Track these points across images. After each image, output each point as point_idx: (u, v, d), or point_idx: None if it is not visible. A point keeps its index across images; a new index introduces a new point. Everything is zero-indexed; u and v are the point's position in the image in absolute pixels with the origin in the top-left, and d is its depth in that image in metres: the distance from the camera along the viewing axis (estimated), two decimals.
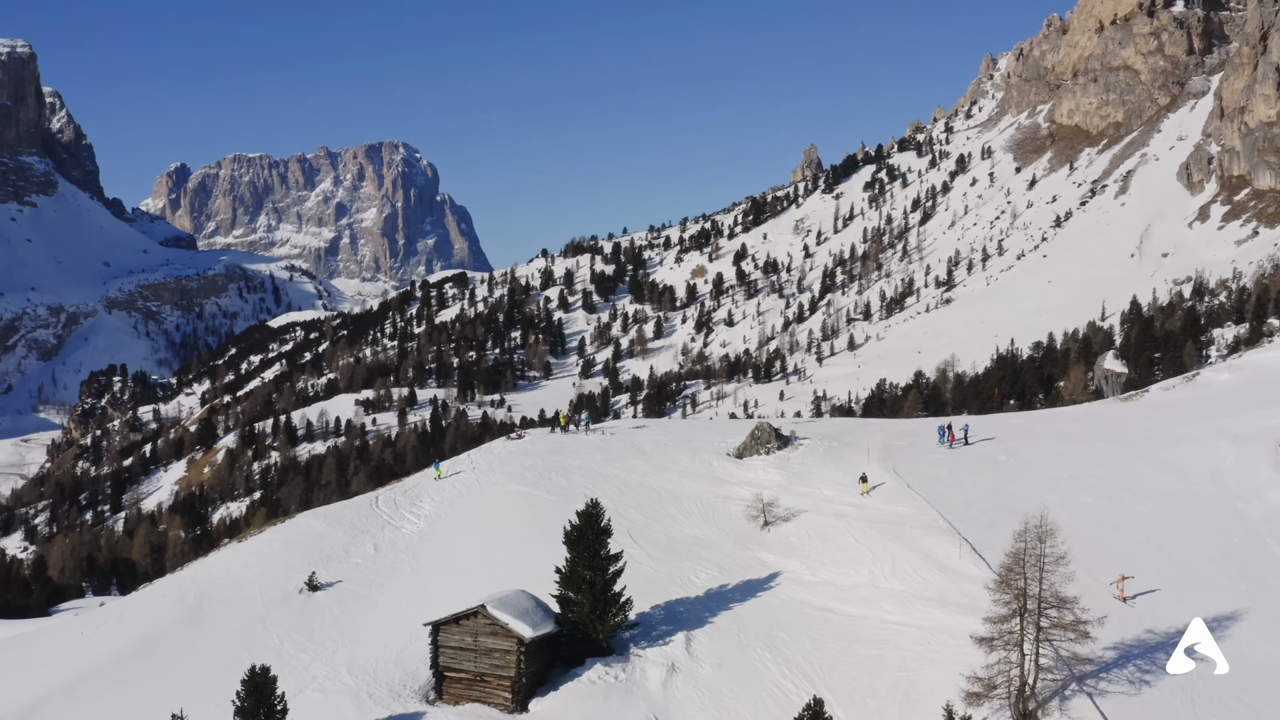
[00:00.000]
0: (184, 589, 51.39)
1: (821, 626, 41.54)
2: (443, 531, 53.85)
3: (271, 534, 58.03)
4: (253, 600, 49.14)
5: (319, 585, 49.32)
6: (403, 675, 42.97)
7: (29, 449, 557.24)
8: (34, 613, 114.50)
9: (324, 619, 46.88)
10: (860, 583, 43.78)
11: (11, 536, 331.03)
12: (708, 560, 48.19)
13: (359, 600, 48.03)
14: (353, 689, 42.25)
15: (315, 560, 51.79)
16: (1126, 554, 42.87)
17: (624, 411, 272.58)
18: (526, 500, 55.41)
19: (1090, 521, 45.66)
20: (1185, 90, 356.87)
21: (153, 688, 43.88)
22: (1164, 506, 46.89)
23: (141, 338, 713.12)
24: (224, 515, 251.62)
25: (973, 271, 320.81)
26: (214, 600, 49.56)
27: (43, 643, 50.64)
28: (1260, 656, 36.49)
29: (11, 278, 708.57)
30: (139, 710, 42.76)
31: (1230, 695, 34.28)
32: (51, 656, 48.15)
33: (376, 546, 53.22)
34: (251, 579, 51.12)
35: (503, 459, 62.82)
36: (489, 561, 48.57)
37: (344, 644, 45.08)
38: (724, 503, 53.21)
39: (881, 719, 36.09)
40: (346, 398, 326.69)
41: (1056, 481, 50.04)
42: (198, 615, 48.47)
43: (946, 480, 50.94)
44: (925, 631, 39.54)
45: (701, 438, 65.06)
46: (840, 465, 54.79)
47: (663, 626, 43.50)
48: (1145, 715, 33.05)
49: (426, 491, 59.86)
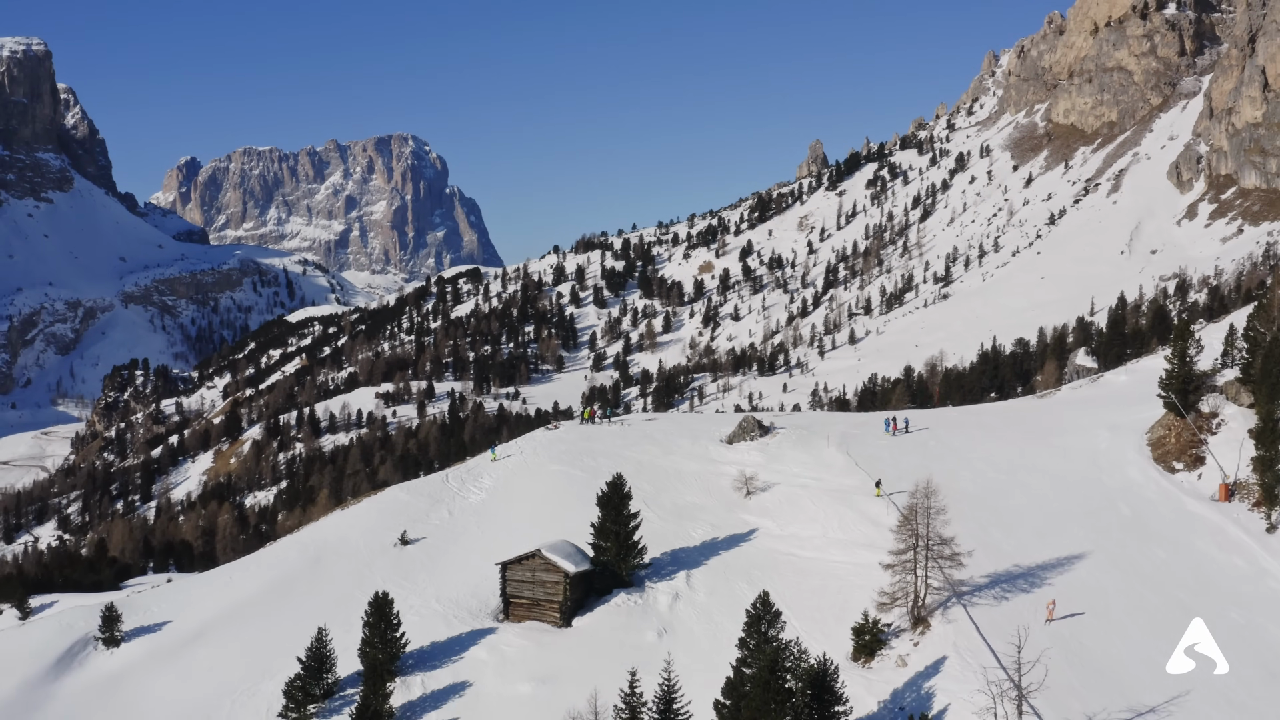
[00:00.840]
0: (305, 544, 67.70)
1: (786, 566, 57.36)
2: (501, 500, 70.19)
3: (368, 503, 74.46)
4: (359, 552, 65.35)
5: (409, 540, 65.64)
6: (478, 603, 59.09)
7: (49, 442, 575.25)
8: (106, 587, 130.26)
9: (414, 565, 63.08)
10: (815, 535, 59.75)
11: (45, 525, 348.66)
12: (703, 520, 64.33)
13: (440, 551, 64.23)
14: (441, 613, 58.36)
15: (404, 522, 68.14)
16: (1010, 513, 58.77)
17: (634, 404, 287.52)
18: (564, 476, 71.76)
19: (990, 490, 61.57)
20: (1177, 91, 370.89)
21: (289, 614, 60.05)
22: (1047, 479, 62.73)
23: (158, 332, 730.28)
24: (253, 503, 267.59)
25: (970, 268, 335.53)
26: (329, 552, 65.81)
27: (199, 585, 66.95)
28: (1092, 582, 52.18)
29: (29, 273, 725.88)
30: (280, 629, 58.97)
31: (1063, 608, 49.94)
32: (208, 594, 64.43)
33: (450, 512, 69.55)
34: (356, 536, 67.42)
35: (544, 445, 79.34)
36: (538, 522, 64.67)
37: (431, 582, 61.17)
38: (716, 478, 69.41)
39: (824, 625, 51.83)
40: (367, 391, 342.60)
41: (970, 461, 65.99)
42: (318, 563, 64.73)
43: (886, 459, 66.64)
44: (858, 567, 55.29)
45: (700, 428, 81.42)
46: (807, 449, 70.84)
47: (669, 567, 59.62)
48: (1001, 619, 48.69)
49: (485, 470, 76.34)
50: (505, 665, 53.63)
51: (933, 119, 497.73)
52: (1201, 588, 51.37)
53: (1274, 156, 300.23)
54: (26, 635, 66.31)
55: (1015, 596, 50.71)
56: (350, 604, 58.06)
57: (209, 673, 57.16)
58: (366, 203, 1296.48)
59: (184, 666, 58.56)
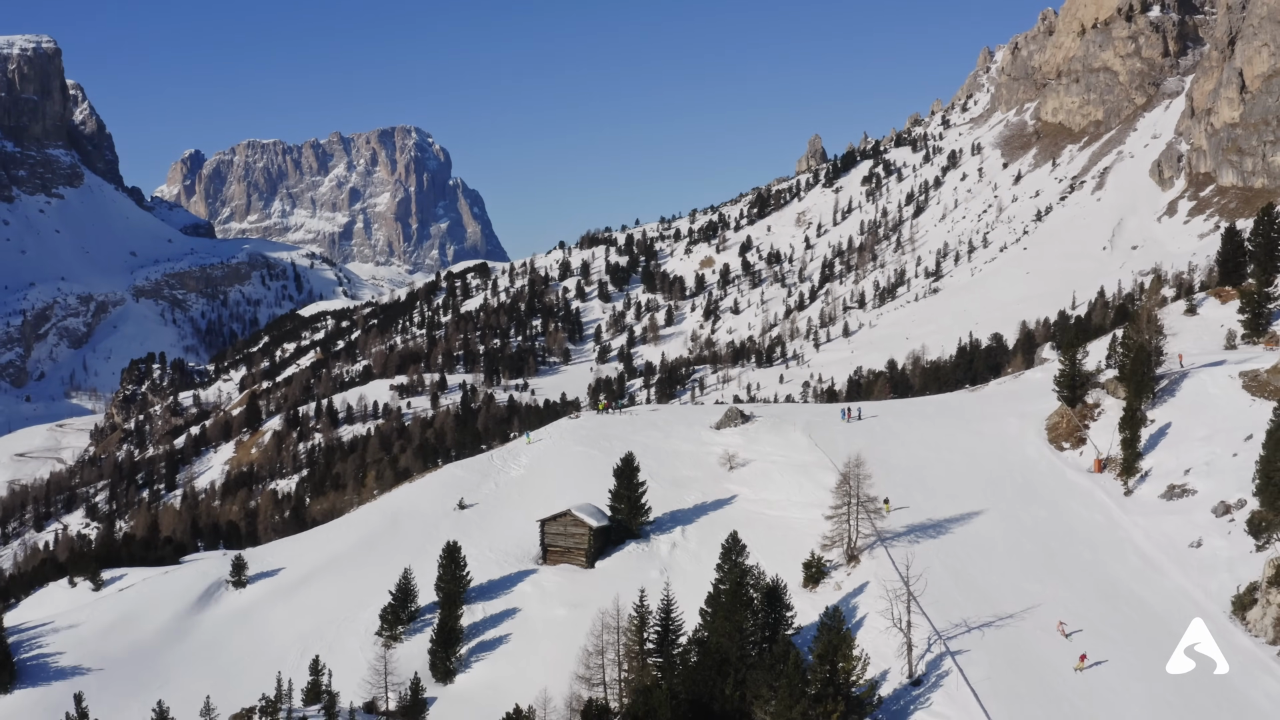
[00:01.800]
0: (383, 510, 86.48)
1: (757, 522, 75.65)
2: (536, 474, 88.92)
3: (430, 477, 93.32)
4: (427, 515, 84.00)
5: (465, 505, 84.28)
6: (521, 552, 77.74)
7: (64, 434, 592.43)
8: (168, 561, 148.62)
9: (471, 524, 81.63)
10: (780, 499, 78.22)
11: (74, 514, 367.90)
12: (695, 489, 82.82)
13: (490, 513, 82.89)
14: (494, 559, 76.91)
15: (460, 492, 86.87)
16: (931, 480, 77.08)
17: (638, 395, 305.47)
18: (586, 455, 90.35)
19: (917, 464, 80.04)
20: (1160, 91, 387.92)
21: (376, 562, 78.66)
22: (963, 456, 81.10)
23: (168, 325, 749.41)
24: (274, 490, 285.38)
25: (959, 263, 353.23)
26: (403, 515, 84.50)
27: (303, 542, 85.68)
28: (984, 531, 70.42)
29: (42, 268, 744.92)
30: (370, 573, 77.57)
31: (961, 550, 68.18)
32: (311, 548, 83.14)
33: (496, 484, 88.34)
34: (424, 503, 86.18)
35: (568, 430, 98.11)
36: (566, 491, 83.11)
37: (485, 537, 79.66)
38: (706, 456, 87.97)
39: (784, 562, 69.88)
40: (381, 383, 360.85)
41: (906, 442, 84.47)
42: (395, 523, 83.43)
43: (840, 441, 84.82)
44: (811, 521, 73.46)
45: (694, 417, 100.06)
46: (778, 433, 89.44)
47: (668, 524, 78.17)
48: (913, 554, 66.78)
49: (523, 451, 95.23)
50: (545, 595, 72.25)
51: (928, 115, 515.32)
52: (1067, 536, 69.79)
53: (1250, 156, 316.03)
54: (172, 580, 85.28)
55: (924, 541, 69.09)
56: (423, 554, 76.54)
57: (317, 606, 75.81)
58: (370, 195, 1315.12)
59: (297, 602, 77.33)
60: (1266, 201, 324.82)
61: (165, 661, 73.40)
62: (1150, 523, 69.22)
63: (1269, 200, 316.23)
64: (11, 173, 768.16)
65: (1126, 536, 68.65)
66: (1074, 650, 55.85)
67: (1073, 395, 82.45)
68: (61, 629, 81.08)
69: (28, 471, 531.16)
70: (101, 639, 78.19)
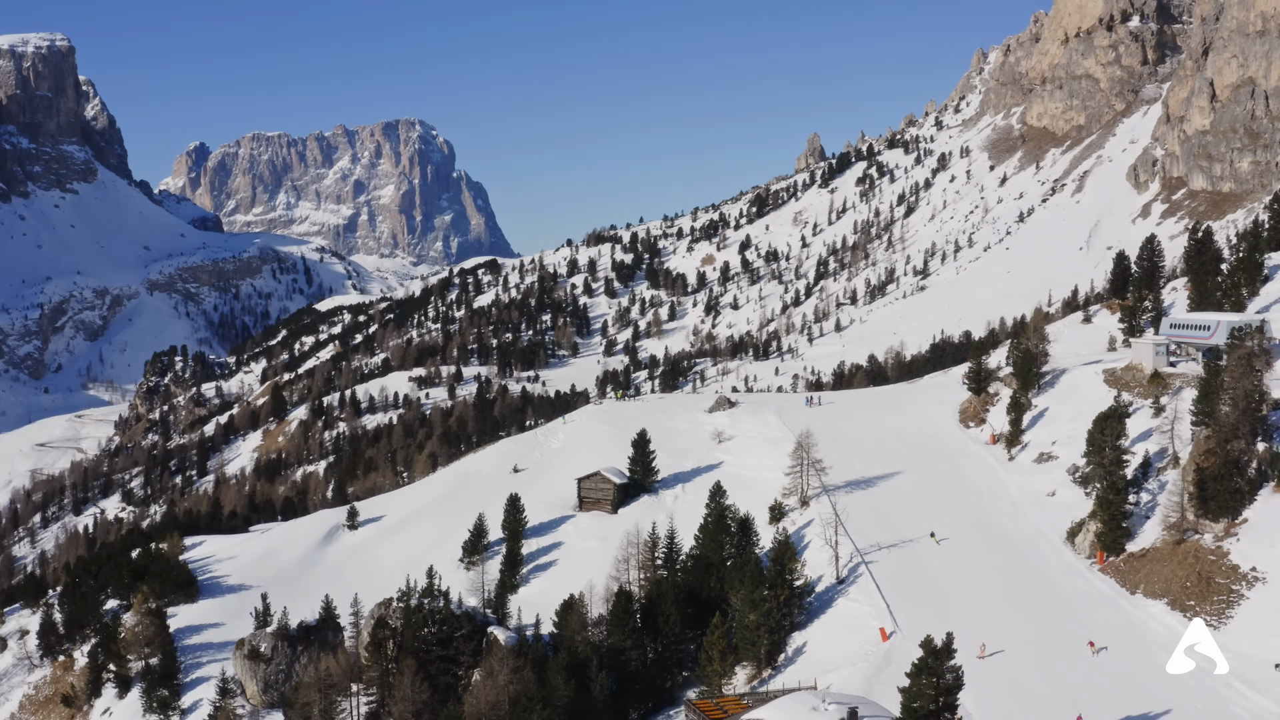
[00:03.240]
0: (456, 473, 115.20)
1: (738, 480, 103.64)
2: (571, 445, 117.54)
3: (489, 449, 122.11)
4: (489, 476, 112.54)
5: (519, 469, 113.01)
6: (563, 502, 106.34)
7: (83, 424, 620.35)
8: (239, 530, 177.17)
9: (524, 482, 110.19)
10: (755, 464, 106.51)
11: (110, 498, 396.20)
12: (693, 456, 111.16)
13: (538, 475, 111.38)
14: (543, 507, 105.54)
15: (513, 459, 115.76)
16: (867, 449, 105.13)
17: (644, 386, 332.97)
18: (609, 432, 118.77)
19: (857, 437, 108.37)
20: (1139, 97, 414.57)
21: (454, 510, 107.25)
22: (893, 432, 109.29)
23: (182, 318, 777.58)
24: (303, 474, 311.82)
25: (945, 262, 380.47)
26: (471, 477, 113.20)
27: (397, 497, 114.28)
28: (903, 486, 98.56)
29: (58, 262, 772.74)
30: (450, 518, 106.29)
31: (882, 497, 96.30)
32: (403, 501, 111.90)
33: (541, 454, 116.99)
34: (487, 467, 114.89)
35: (594, 413, 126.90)
36: (595, 458, 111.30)
37: (535, 491, 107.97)
38: (700, 432, 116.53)
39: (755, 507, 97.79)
40: (400, 375, 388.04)
41: (852, 422, 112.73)
42: (466, 482, 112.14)
43: (803, 421, 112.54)
44: (778, 480, 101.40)
45: (692, 403, 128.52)
46: (756, 415, 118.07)
47: (672, 482, 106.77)
48: (847, 500, 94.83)
49: (560, 430, 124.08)
50: (581, 532, 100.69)
51: (922, 116, 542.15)
52: (961, 488, 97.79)
53: (1219, 161, 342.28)
54: (302, 525, 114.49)
55: (856, 491, 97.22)
56: (489, 504, 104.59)
57: (412, 542, 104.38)
58: (374, 187, 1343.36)
59: (396, 539, 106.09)
60: (1234, 205, 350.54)
61: (304, 581, 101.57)
62: (1022, 479, 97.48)
63: (1237, 203, 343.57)
64: (27, 168, 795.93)
65: (1004, 489, 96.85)
66: (946, 557, 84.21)
67: (978, 387, 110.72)
68: (224, 559, 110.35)
69: (48, 461, 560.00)
70: (255, 566, 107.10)
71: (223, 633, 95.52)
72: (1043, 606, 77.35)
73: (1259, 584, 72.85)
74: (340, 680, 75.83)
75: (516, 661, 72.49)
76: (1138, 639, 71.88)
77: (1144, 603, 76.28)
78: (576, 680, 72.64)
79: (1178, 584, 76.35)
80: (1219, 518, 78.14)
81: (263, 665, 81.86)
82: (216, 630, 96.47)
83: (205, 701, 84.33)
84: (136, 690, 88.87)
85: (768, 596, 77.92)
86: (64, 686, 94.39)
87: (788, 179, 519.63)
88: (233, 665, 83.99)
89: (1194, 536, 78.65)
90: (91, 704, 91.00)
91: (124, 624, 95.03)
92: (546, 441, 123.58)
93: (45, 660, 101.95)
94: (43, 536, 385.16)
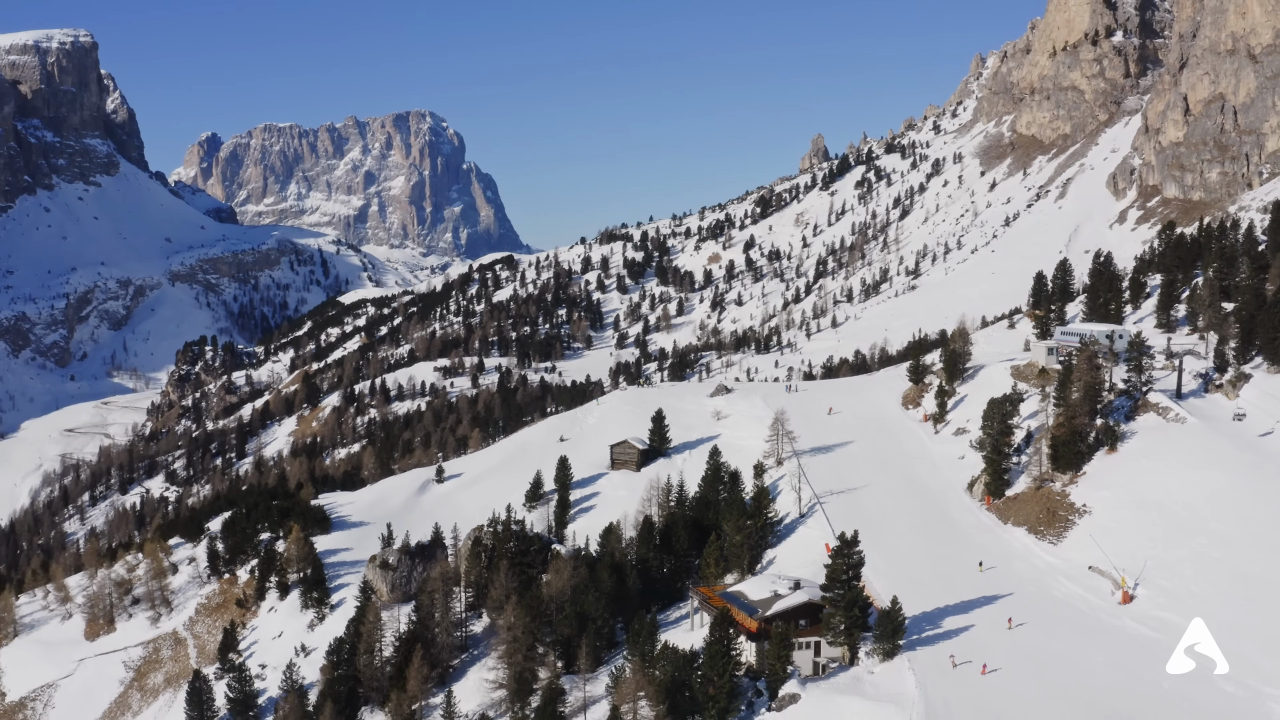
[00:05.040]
0: (514, 442, 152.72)
1: (732, 447, 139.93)
2: (603, 422, 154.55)
3: (540, 424, 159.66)
4: (540, 445, 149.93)
5: (564, 439, 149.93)
6: (599, 463, 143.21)
7: (109, 410, 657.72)
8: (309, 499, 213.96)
9: (569, 448, 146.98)
10: (745, 435, 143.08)
11: (154, 479, 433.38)
12: (697, 430, 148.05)
13: (580, 443, 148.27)
14: (584, 467, 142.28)
15: (559, 431, 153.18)
16: (829, 425, 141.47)
17: (654, 377, 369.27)
18: (632, 412, 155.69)
19: (823, 415, 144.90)
20: (1121, 108, 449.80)
21: (515, 469, 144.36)
22: (852, 413, 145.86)
23: (203, 308, 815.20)
24: (339, 456, 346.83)
25: (936, 263, 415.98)
26: (527, 445, 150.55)
27: (472, 459, 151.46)
28: (855, 451, 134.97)
29: (82, 253, 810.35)
30: (513, 475, 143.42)
31: (838, 459, 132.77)
32: (475, 463, 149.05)
33: (581, 428, 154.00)
34: (538, 437, 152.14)
35: (620, 397, 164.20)
36: (623, 431, 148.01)
37: (577, 455, 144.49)
38: (703, 412, 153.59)
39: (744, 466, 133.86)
40: (425, 365, 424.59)
41: (820, 405, 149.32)
42: (523, 449, 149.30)
43: (783, 401, 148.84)
44: (761, 445, 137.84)
45: (697, 390, 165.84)
46: (746, 399, 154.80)
47: (681, 449, 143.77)
48: (811, 461, 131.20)
49: (594, 409, 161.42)
50: (613, 485, 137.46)
51: (921, 119, 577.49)
52: (897, 454, 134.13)
53: (1190, 171, 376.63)
54: (401, 480, 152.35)
55: (819, 455, 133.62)
56: (543, 464, 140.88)
57: (485, 492, 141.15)
58: (385, 178, 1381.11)
59: (473, 490, 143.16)
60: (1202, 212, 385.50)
61: (407, 519, 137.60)
62: (942, 447, 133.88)
63: (1205, 211, 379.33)
64: (51, 161, 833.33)
65: (928, 454, 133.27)
66: (879, 500, 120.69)
67: (917, 378, 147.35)
68: (342, 505, 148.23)
69: (77, 445, 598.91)
70: (369, 509, 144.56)
71: (351, 555, 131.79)
72: (942, 533, 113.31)
73: (1086, 515, 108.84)
74: (448, 582, 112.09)
75: (575, 565, 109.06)
76: (1004, 553, 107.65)
77: (1012, 530, 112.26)
78: (616, 578, 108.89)
79: (1034, 516, 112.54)
80: (1066, 471, 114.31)
81: (390, 572, 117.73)
82: (346, 553, 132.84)
83: (346, 600, 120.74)
84: (294, 594, 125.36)
85: (749, 525, 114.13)
86: (233, 595, 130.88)
87: (791, 179, 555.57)
88: (367, 573, 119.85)
89: (1048, 484, 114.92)
90: (258, 605, 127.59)
91: (277, 549, 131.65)
92: (584, 418, 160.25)
93: (212, 578, 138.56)
94: (91, 513, 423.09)
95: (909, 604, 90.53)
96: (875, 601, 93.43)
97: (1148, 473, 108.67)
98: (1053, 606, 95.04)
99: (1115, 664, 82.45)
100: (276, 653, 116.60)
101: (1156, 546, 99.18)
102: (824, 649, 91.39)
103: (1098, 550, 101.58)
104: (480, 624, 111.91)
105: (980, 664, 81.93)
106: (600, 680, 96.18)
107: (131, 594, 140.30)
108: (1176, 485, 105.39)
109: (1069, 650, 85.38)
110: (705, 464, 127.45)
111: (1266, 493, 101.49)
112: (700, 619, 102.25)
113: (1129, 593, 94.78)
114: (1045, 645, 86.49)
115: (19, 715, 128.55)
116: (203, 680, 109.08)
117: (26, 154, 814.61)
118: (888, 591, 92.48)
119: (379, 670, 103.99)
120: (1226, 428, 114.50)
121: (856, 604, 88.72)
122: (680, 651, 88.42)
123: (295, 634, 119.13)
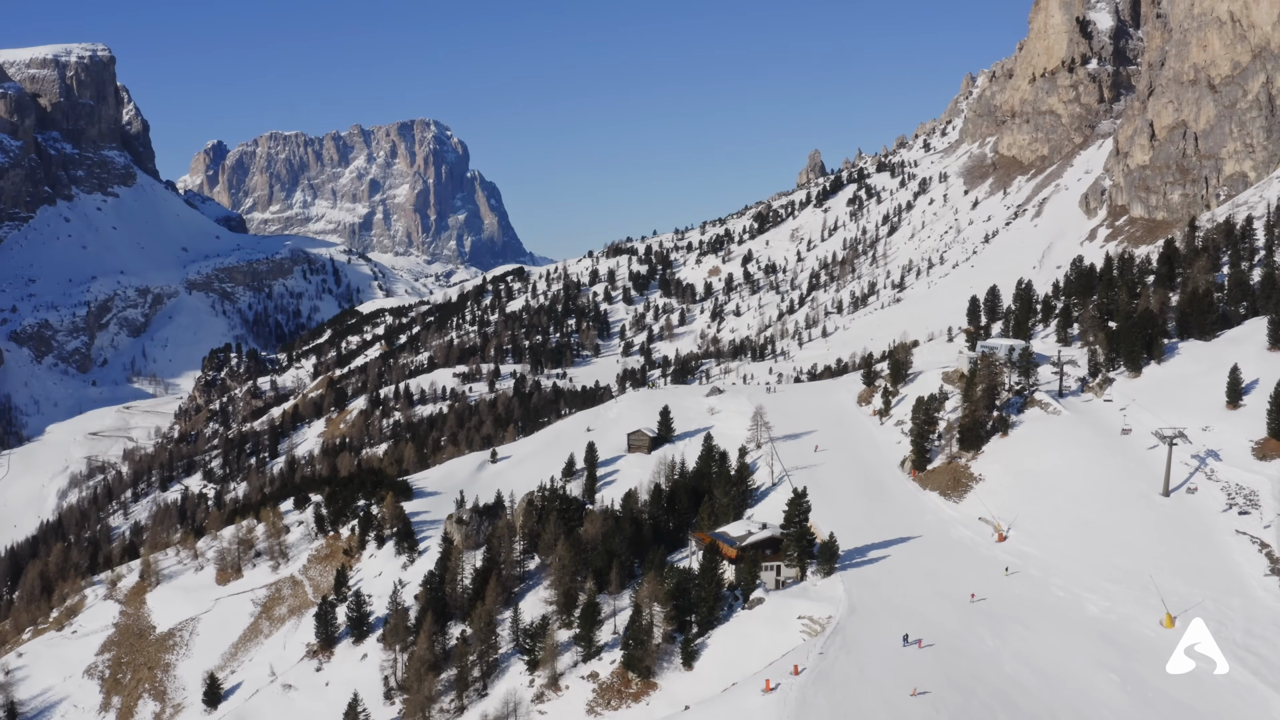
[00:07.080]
0: (552, 430, 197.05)
1: (722, 436, 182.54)
2: (621, 416, 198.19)
3: (570, 419, 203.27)
4: (573, 434, 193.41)
5: (590, 429, 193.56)
6: (618, 447, 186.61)
7: (131, 415, 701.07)
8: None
9: (595, 437, 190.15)
10: (733, 425, 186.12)
11: (193, 476, 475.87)
12: (695, 422, 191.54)
13: (603, 432, 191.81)
14: (606, 450, 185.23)
15: (586, 424, 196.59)
16: (801, 418, 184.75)
17: (658, 383, 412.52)
18: (643, 408, 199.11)
19: (797, 411, 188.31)
20: (1096, 132, 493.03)
21: (553, 452, 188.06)
22: (818, 409, 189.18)
23: (219, 316, 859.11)
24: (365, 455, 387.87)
25: (920, 277, 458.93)
26: (563, 433, 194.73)
27: (518, 445, 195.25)
28: (817, 437, 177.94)
29: (101, 262, 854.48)
30: (555, 455, 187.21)
31: (805, 443, 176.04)
32: (520, 446, 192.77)
33: (604, 421, 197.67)
34: (569, 428, 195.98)
35: (634, 397, 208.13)
36: (637, 423, 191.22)
37: (601, 441, 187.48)
38: (700, 408, 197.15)
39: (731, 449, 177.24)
40: (445, 371, 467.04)
41: (793, 402, 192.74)
42: (558, 436, 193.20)
43: (763, 400, 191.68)
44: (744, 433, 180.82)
45: (696, 391, 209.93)
46: (734, 398, 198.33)
47: (683, 437, 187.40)
48: (783, 445, 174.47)
49: (614, 406, 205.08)
50: (630, 464, 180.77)
51: (912, 137, 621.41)
52: (850, 440, 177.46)
53: (1154, 193, 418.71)
54: (463, 459, 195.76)
55: (790, 441, 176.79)
56: (575, 448, 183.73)
57: (531, 470, 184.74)
58: (390, 186, 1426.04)
59: (522, 468, 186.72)
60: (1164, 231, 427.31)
61: (471, 489, 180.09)
62: (885, 435, 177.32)
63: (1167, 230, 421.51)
64: (71, 173, 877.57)
65: (873, 440, 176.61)
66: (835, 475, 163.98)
67: (870, 381, 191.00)
68: (418, 480, 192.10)
69: (101, 448, 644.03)
70: (439, 482, 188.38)
71: (429, 516, 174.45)
72: (877, 495, 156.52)
73: (980, 482, 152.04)
74: (510, 533, 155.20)
75: (604, 518, 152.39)
76: (919, 509, 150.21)
77: (929, 494, 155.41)
78: (634, 528, 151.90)
79: (944, 483, 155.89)
80: (970, 450, 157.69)
81: (464, 526, 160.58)
82: (425, 515, 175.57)
83: (430, 548, 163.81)
84: (389, 544, 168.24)
85: (734, 491, 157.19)
86: (338, 547, 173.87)
87: (788, 195, 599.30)
88: (447, 526, 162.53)
89: (956, 461, 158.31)
90: (360, 554, 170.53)
91: (373, 512, 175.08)
92: (606, 413, 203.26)
93: (319, 536, 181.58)
94: (134, 509, 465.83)
95: (845, 542, 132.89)
96: (820, 537, 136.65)
97: (1027, 451, 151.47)
98: (949, 545, 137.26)
99: (984, 578, 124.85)
100: (379, 587, 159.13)
101: (1026, 503, 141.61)
102: (783, 570, 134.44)
103: (985, 507, 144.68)
104: (533, 563, 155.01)
105: (894, 580, 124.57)
106: (625, 598, 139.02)
107: (254, 549, 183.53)
108: (1046, 459, 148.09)
109: (954, 571, 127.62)
110: (701, 447, 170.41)
111: (1109, 464, 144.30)
112: (698, 558, 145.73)
113: (1003, 534, 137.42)
114: (938, 568, 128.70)
115: (169, 641, 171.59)
116: (328, 604, 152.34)
117: (47, 165, 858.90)
118: (829, 531, 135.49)
119: (460, 595, 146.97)
120: (1089, 418, 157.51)
121: (805, 538, 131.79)
122: (682, 570, 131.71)
123: (392, 573, 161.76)
